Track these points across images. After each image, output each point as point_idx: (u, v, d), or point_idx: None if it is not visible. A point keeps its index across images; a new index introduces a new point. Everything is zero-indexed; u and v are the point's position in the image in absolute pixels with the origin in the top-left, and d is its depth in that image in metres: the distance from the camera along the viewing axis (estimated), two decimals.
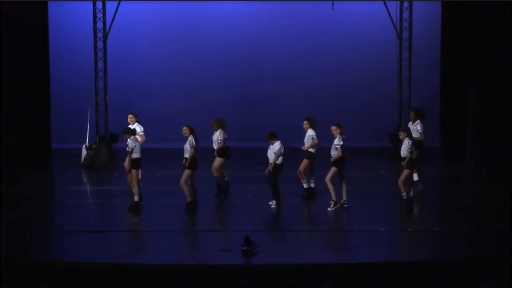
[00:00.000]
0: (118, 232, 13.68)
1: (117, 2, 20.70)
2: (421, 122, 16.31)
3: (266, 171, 14.91)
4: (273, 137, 14.87)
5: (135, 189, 14.76)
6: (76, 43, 21.84)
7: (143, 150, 15.07)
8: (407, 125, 16.63)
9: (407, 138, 14.80)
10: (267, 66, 22.28)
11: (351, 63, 22.23)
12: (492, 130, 18.37)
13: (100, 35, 21.13)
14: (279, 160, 14.81)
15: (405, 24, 20.94)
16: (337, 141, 14.77)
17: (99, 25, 21.08)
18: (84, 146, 19.83)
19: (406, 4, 20.83)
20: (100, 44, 21.14)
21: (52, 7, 21.13)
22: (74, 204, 15.71)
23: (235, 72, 22.36)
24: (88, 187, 18.52)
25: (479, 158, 18.68)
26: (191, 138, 14.78)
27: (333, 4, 20.12)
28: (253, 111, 22.03)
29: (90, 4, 20.98)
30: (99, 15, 21.04)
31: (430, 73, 21.99)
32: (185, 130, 14.86)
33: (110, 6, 20.90)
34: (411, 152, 14.63)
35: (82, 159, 19.81)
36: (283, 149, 14.79)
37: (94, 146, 19.90)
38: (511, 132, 17.79)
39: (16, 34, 19.16)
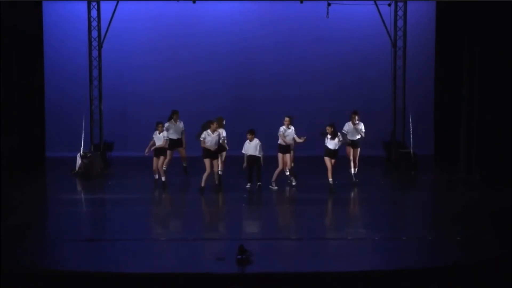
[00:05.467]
0: (113, 241, 13.66)
1: (112, 11, 20.71)
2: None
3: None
4: (253, 133, 16.98)
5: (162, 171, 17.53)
6: (70, 51, 21.84)
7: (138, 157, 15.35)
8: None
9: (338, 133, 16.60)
10: (261, 72, 22.31)
11: (346, 71, 22.27)
12: (485, 138, 18.41)
13: (95, 43, 21.13)
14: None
15: (400, 33, 20.99)
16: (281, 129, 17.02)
17: (94, 34, 21.08)
18: (78, 154, 19.81)
19: (400, 13, 20.89)
20: (95, 53, 21.13)
21: (46, 15, 21.13)
22: (69, 212, 15.67)
23: (230, 78, 22.37)
24: (82, 195, 18.48)
25: (473, 165, 18.72)
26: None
27: (327, 12, 20.19)
28: (248, 117, 21.95)
29: (85, 12, 20.97)
30: (94, 23, 21.05)
31: (424, 81, 22.09)
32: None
33: (105, 16, 20.90)
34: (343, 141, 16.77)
35: (77, 168, 19.78)
36: None
37: (88, 155, 19.88)
38: (505, 139, 17.84)
39: (10, 42, 19.16)
